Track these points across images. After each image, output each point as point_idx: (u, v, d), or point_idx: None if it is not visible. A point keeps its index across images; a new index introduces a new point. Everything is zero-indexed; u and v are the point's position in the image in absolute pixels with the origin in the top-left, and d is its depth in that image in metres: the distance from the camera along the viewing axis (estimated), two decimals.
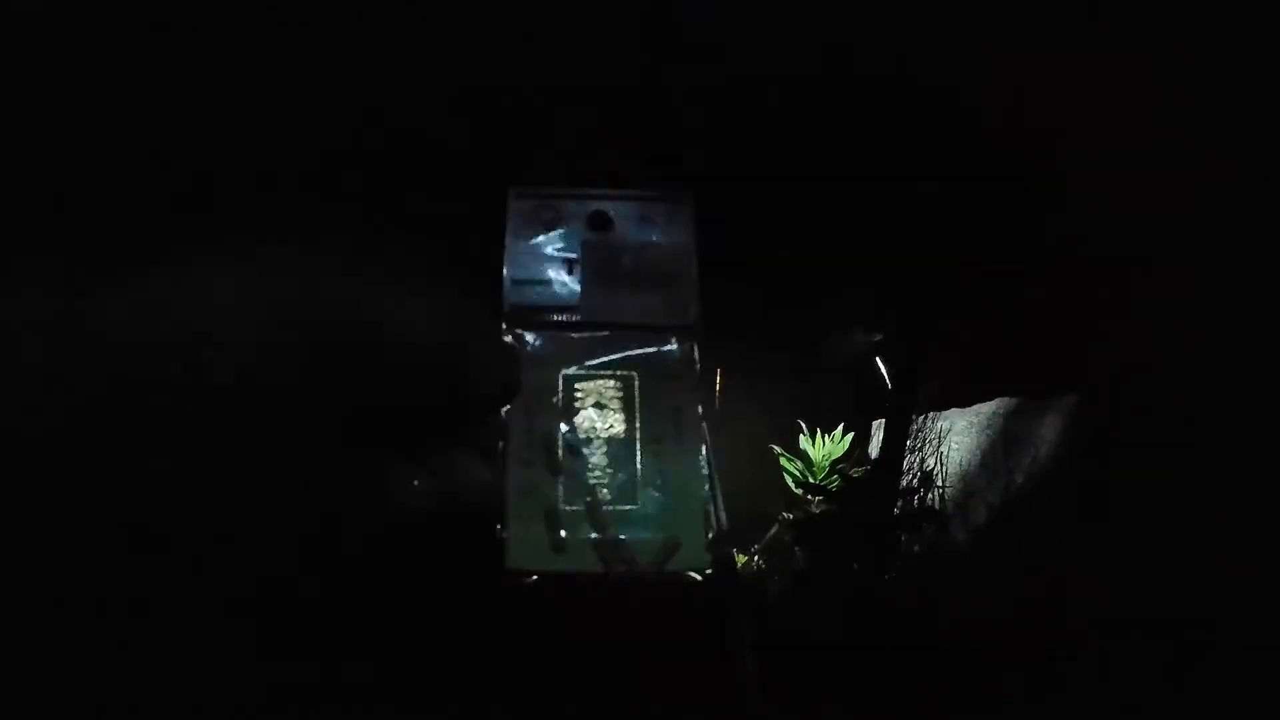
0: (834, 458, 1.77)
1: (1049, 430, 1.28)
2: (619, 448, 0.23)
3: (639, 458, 0.23)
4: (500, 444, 0.23)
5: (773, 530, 1.72)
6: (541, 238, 0.26)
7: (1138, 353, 1.07)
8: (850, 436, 1.77)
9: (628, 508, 0.23)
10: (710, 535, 0.24)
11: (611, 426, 0.24)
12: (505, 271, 0.26)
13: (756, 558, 1.63)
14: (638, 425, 0.24)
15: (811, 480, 1.70)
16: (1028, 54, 0.77)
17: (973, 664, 0.89)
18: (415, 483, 0.23)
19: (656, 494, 0.23)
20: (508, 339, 0.24)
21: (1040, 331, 1.20)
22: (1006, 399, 1.42)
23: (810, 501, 1.62)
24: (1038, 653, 0.87)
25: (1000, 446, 1.37)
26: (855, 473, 1.66)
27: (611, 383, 0.24)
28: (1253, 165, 0.78)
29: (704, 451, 0.24)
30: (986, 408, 1.46)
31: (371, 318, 0.24)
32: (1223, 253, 0.90)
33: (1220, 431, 1.00)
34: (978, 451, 1.43)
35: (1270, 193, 0.80)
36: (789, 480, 1.73)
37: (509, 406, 0.23)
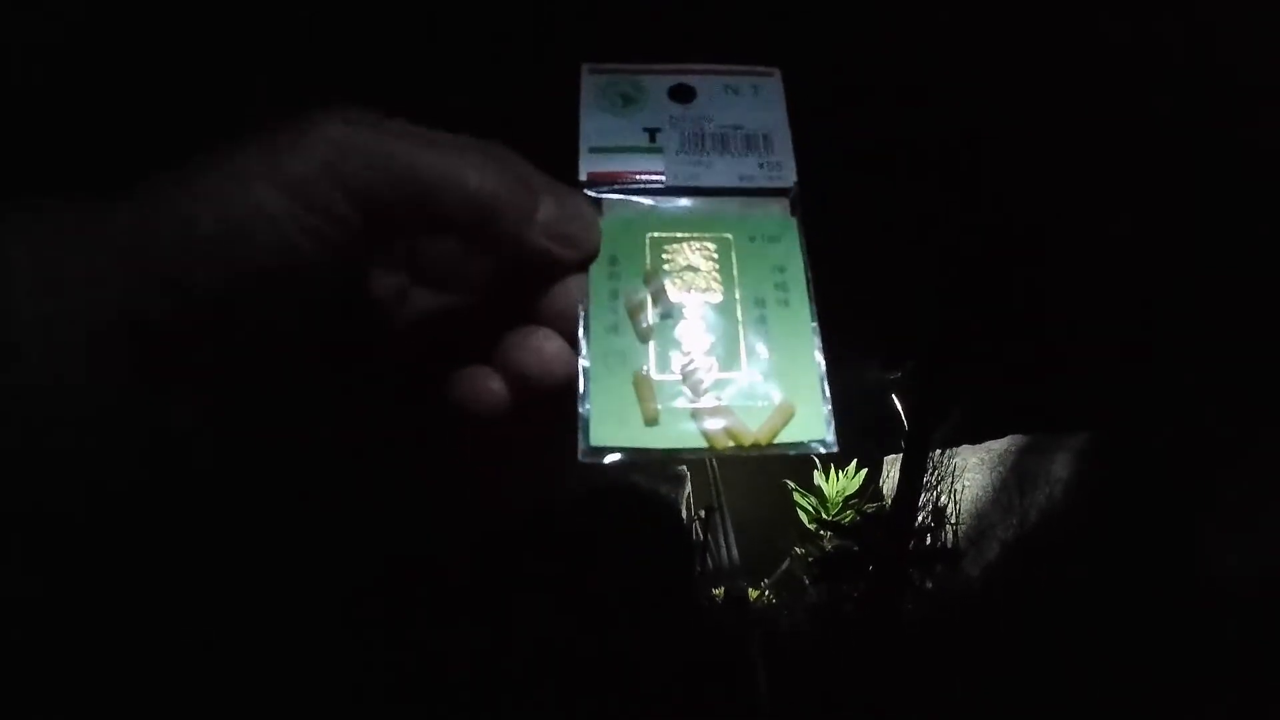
0: (848, 494, 1.78)
1: (1060, 468, 1.29)
2: (716, 312, 0.22)
3: (740, 322, 0.22)
4: (580, 312, 0.22)
5: (785, 565, 1.72)
6: (618, 112, 0.25)
7: (1151, 387, 1.08)
8: (864, 472, 1.78)
9: (730, 374, 0.21)
10: (828, 403, 0.21)
11: (708, 288, 0.22)
12: (581, 143, 0.24)
13: (767, 592, 1.63)
14: (737, 288, 0.22)
15: (825, 516, 1.71)
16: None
17: (983, 699, 0.89)
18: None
19: (763, 358, 0.21)
20: (586, 203, 0.23)
21: (1052, 368, 1.21)
22: (1018, 436, 1.43)
23: (823, 537, 1.63)
24: (1050, 690, 0.88)
25: (1013, 484, 1.38)
26: (869, 508, 1.66)
27: (704, 244, 0.23)
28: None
29: (812, 312, 0.22)
30: (998, 445, 1.47)
31: None
32: (1238, 291, 0.91)
33: (1234, 466, 1.01)
34: (990, 489, 1.44)
35: None
36: (802, 516, 1.74)
37: (588, 271, 0.22)
